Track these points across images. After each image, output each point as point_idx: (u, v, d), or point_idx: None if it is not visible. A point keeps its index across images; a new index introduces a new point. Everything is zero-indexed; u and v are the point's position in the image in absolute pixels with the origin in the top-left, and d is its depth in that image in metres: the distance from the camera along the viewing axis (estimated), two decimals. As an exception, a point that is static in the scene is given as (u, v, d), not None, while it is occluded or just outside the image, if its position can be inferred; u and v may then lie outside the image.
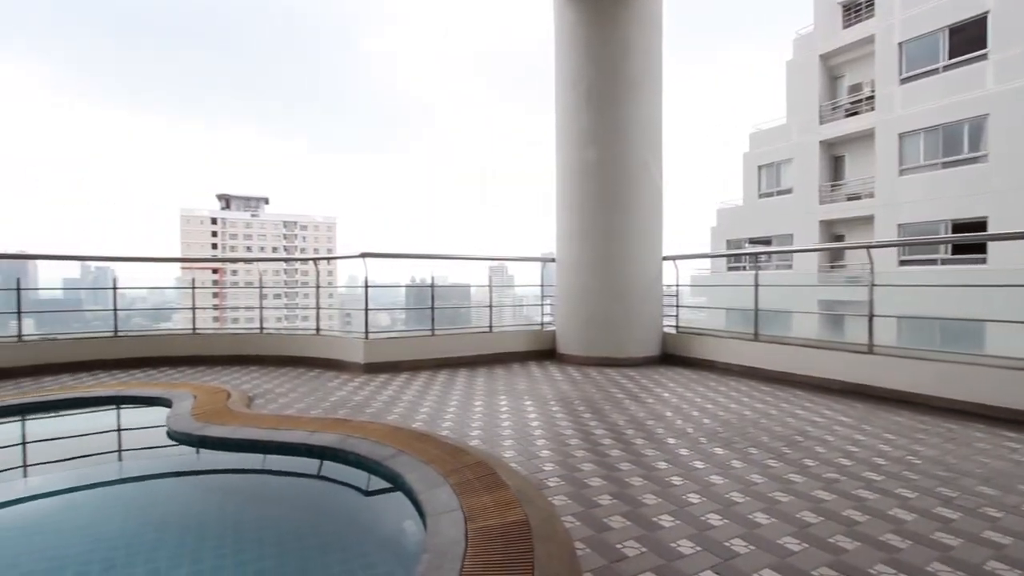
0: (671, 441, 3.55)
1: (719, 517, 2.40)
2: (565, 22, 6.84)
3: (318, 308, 6.76)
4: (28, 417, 4.44)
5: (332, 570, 2.35)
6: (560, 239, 7.07)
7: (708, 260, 21.59)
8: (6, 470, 3.64)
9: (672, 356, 6.86)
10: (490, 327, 7.01)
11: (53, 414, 4.59)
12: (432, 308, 6.58)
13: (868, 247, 5.34)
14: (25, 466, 3.79)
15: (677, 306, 7.17)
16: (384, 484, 3.02)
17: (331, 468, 3.30)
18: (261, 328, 6.94)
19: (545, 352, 7.20)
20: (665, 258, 7.01)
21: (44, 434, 4.39)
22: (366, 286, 6.15)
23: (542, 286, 7.79)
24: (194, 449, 3.68)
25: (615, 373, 6.05)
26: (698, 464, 3.11)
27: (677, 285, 7.18)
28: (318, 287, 6.94)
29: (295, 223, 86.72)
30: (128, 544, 2.64)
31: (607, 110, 6.58)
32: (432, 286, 6.61)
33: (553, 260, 7.31)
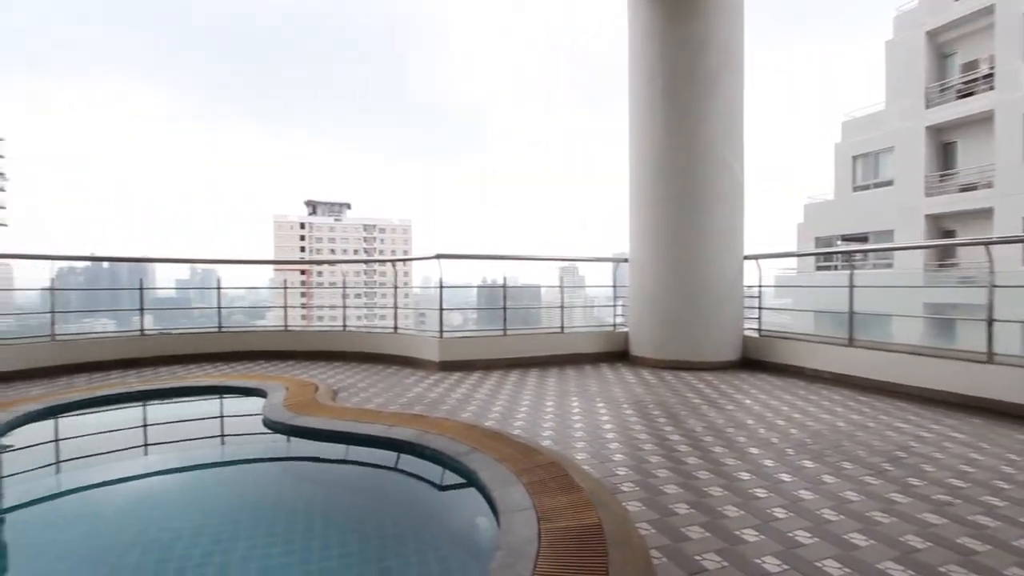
0: (754, 451, 3.36)
1: (809, 535, 2.24)
2: (640, 17, 6.68)
3: (396, 308, 7.06)
4: (149, 403, 5.00)
5: (409, 559, 2.44)
6: (633, 239, 6.91)
7: (794, 259, 20.22)
8: (131, 448, 4.12)
9: (753, 361, 6.50)
10: (561, 328, 6.99)
11: (168, 400, 5.14)
12: (504, 308, 6.67)
13: (987, 243, 4.77)
14: (146, 445, 4.26)
15: (759, 308, 6.77)
16: (458, 480, 3.09)
17: (408, 461, 3.43)
18: (344, 326, 7.35)
19: (617, 354, 7.07)
20: (747, 257, 6.65)
21: (161, 418, 4.90)
22: (440, 286, 6.34)
23: (614, 287, 7.65)
24: (285, 437, 3.97)
25: (691, 377, 5.82)
26: (784, 477, 2.92)
27: (759, 286, 6.79)
28: (396, 287, 7.25)
29: (374, 226, 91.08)
30: (232, 520, 2.89)
31: (684, 105, 6.35)
32: (504, 286, 6.69)
33: (626, 260, 7.16)
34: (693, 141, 6.35)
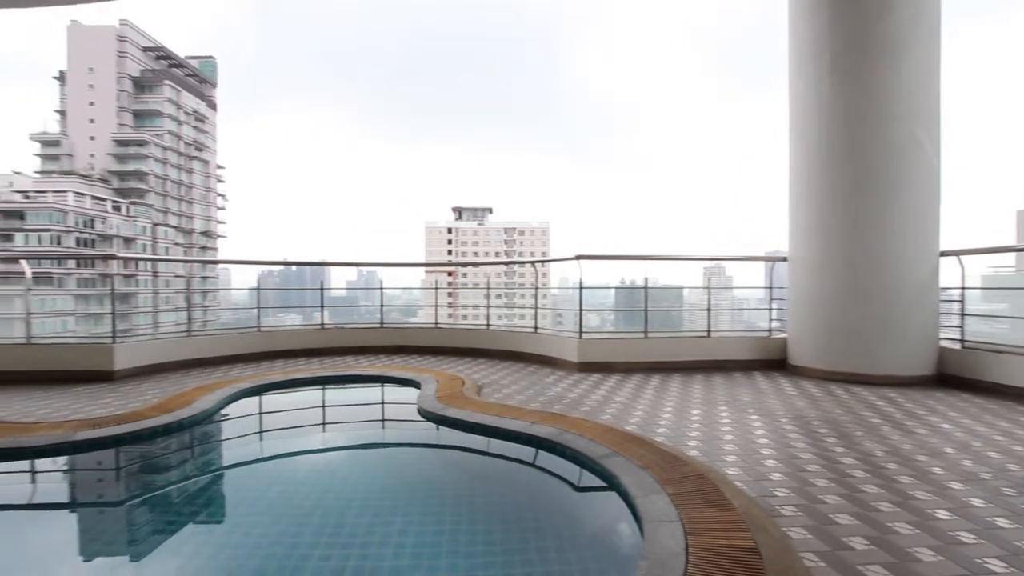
0: (955, 486, 2.81)
1: (1040, 597, 1.80)
2: (802, -13, 5.98)
3: (536, 308, 7.23)
4: (327, 387, 5.79)
5: (548, 555, 2.48)
6: (794, 235, 6.22)
7: (1010, 255, 16.41)
8: (314, 425, 4.80)
9: (953, 377, 5.42)
10: (708, 331, 6.55)
11: (342, 386, 5.89)
12: (645, 310, 6.45)
13: None
14: (324, 423, 4.93)
15: (962, 314, 5.62)
16: (597, 482, 3.07)
17: (547, 459, 3.50)
18: (487, 325, 7.73)
19: (773, 362, 6.41)
20: (943, 254, 5.58)
21: (336, 400, 5.63)
22: (580, 287, 6.35)
23: (770, 288, 6.96)
24: (435, 426, 4.30)
25: (868, 393, 5.05)
26: (1002, 522, 2.39)
27: (962, 288, 5.63)
28: (536, 288, 7.43)
29: (514, 229, 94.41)
30: (390, 497, 3.21)
31: (859, 79, 5.54)
32: (645, 287, 6.47)
33: (784, 259, 6.47)
34: (871, 119, 5.50)
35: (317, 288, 7.87)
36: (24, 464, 3.47)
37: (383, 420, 5.03)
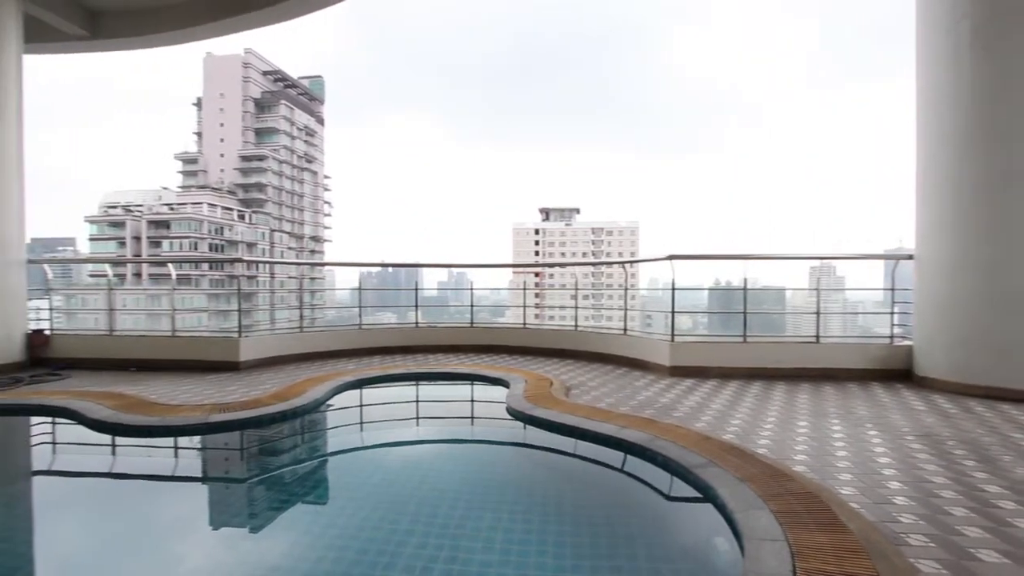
0: None
1: None
2: (933, -49, 5.31)
3: (625, 309, 7.06)
4: (421, 383, 6.06)
5: (638, 563, 2.40)
6: (923, 232, 5.53)
7: None
8: (409, 418, 5.06)
9: None
10: (816, 337, 6.01)
11: (435, 382, 6.15)
12: (744, 312, 6.05)
13: None
14: (418, 417, 5.16)
15: None
16: (691, 492, 2.93)
17: (637, 464, 3.40)
18: (576, 326, 7.67)
19: (895, 372, 5.74)
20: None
21: (429, 396, 5.88)
22: (673, 288, 6.10)
23: (892, 290, 6.25)
24: (523, 425, 4.34)
25: (1018, 412, 4.37)
26: None
27: None
28: (626, 289, 7.25)
29: (602, 229, 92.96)
30: (481, 491, 3.29)
31: (1006, 51, 4.81)
32: (744, 288, 6.08)
33: (909, 257, 5.78)
34: (1020, 97, 4.76)
35: (412, 288, 8.27)
36: (168, 440, 3.99)
37: (473, 417, 5.18)
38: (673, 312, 6.15)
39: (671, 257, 6.04)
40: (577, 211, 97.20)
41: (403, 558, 2.38)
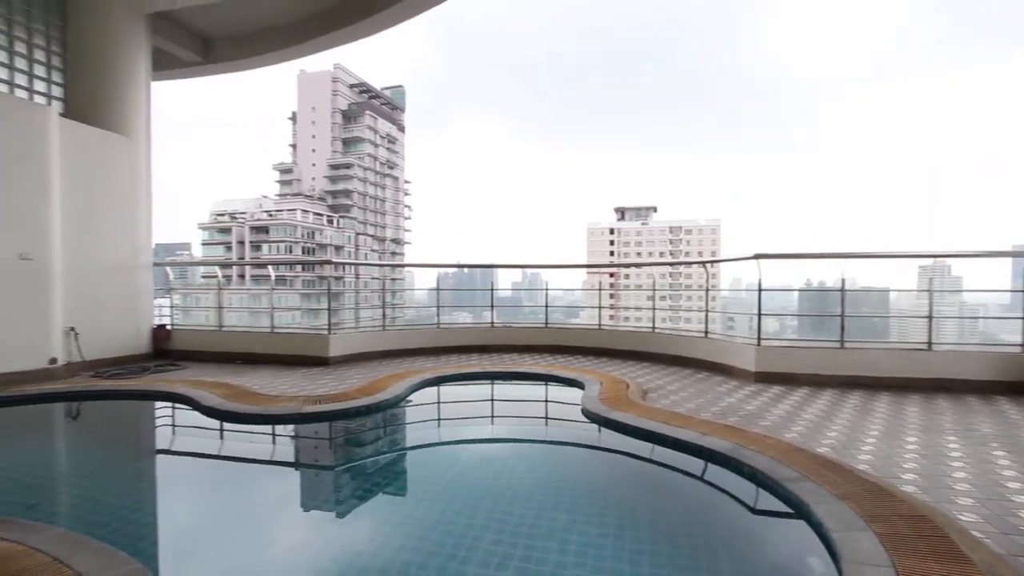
0: None
1: None
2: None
3: (707, 311, 6.75)
4: (496, 382, 6.15)
5: (722, 578, 2.28)
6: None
7: None
8: (484, 417, 5.15)
9: None
10: (928, 344, 5.41)
11: (510, 381, 6.21)
12: (842, 315, 5.58)
13: None
14: (493, 416, 5.24)
15: None
16: (781, 507, 2.74)
17: (719, 474, 3.23)
18: (653, 327, 7.44)
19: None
20: None
21: (504, 395, 5.94)
22: (759, 289, 5.74)
23: (1022, 291, 5.49)
24: (598, 428, 4.27)
25: None
26: None
27: None
28: (707, 289, 6.94)
29: (680, 228, 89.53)
30: (554, 493, 3.27)
31: None
32: (843, 289, 5.59)
33: (1047, 254, 5.05)
34: None
35: (487, 289, 8.41)
36: (267, 428, 4.34)
37: (547, 418, 5.17)
38: (760, 315, 5.80)
39: (757, 256, 5.70)
40: (654, 209, 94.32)
41: (479, 553, 2.42)
